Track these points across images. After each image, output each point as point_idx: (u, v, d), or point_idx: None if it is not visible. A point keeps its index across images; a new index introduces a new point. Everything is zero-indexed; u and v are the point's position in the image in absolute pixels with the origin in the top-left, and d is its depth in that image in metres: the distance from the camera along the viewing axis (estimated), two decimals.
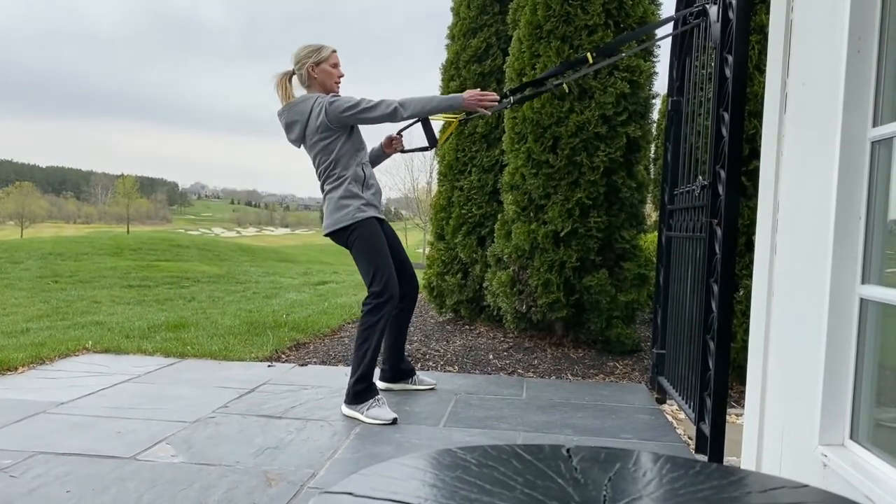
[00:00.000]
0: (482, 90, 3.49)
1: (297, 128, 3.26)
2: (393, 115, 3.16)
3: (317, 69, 3.30)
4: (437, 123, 3.63)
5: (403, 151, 3.63)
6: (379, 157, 3.63)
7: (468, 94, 3.24)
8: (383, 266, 3.23)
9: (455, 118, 3.83)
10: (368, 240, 3.24)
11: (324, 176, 3.31)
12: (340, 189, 3.25)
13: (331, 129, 3.20)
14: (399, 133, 3.60)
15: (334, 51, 3.36)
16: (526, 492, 0.74)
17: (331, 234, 3.34)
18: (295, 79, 3.37)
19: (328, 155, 3.25)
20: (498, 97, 3.34)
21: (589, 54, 3.34)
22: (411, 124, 3.57)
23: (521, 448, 0.89)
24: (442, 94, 5.43)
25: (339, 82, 3.37)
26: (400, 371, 3.72)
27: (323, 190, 3.35)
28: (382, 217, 3.41)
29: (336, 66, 3.34)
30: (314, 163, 3.34)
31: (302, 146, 3.33)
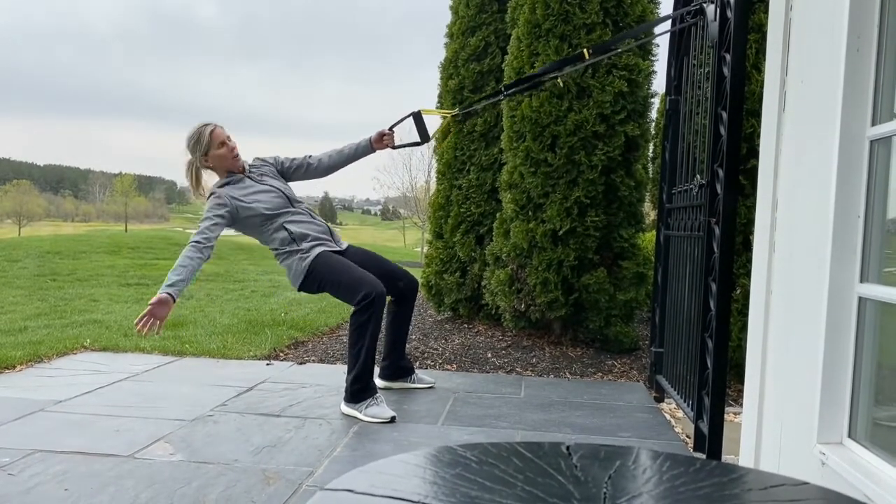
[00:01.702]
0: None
1: None
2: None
3: (209, 158, 3.35)
4: (429, 118, 3.65)
5: (394, 147, 3.61)
6: (365, 151, 3.61)
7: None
8: (355, 276, 3.25)
9: (449, 113, 3.85)
10: (329, 271, 3.28)
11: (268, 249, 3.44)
12: (281, 255, 3.36)
13: (227, 222, 3.31)
14: (391, 129, 3.59)
15: (213, 129, 3.34)
16: (526, 489, 0.74)
17: (301, 290, 3.38)
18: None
19: (250, 234, 3.39)
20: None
21: (585, 50, 3.34)
22: (403, 119, 3.58)
23: (521, 445, 0.89)
24: (440, 93, 5.44)
25: (236, 156, 3.39)
26: (399, 369, 3.72)
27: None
28: (338, 248, 3.45)
29: (223, 144, 3.34)
30: None
31: None
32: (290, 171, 3.62)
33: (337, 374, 3.94)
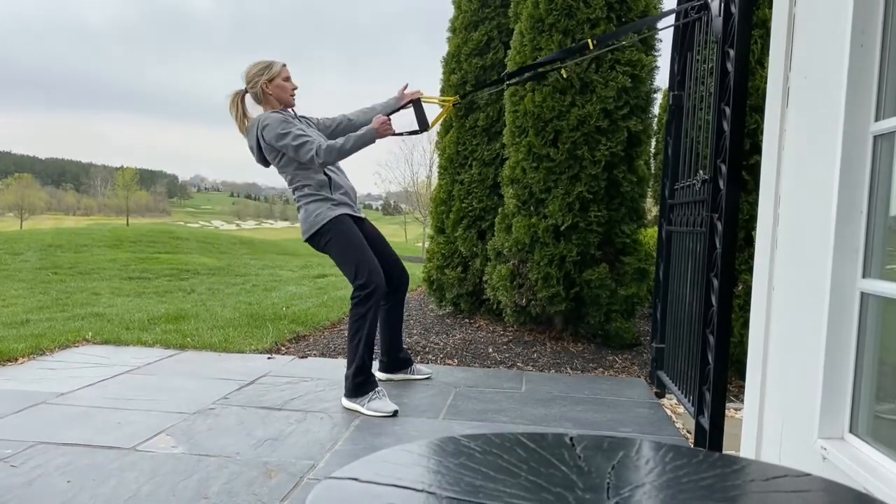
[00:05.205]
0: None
1: (256, 151, 3.35)
2: (310, 162, 3.22)
3: (270, 85, 3.36)
4: (429, 107, 3.65)
5: (395, 134, 3.62)
6: (393, 106, 3.62)
7: (377, 121, 3.26)
8: (364, 259, 3.25)
9: (448, 101, 3.85)
10: (343, 237, 3.28)
11: (292, 188, 3.38)
12: (307, 197, 3.31)
13: (275, 149, 3.26)
14: (389, 115, 3.60)
15: (284, 65, 3.41)
16: (530, 479, 0.74)
17: (309, 241, 3.36)
18: (249, 97, 3.41)
19: (288, 169, 3.32)
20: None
21: (590, 41, 3.35)
22: (401, 107, 3.59)
23: (524, 436, 0.89)
24: (442, 87, 5.44)
25: (294, 94, 3.43)
26: (398, 361, 3.75)
27: (295, 201, 3.40)
28: (359, 215, 3.45)
29: (288, 79, 3.40)
30: (283, 177, 3.41)
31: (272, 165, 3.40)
32: (329, 130, 3.61)
33: (338, 369, 3.95)
